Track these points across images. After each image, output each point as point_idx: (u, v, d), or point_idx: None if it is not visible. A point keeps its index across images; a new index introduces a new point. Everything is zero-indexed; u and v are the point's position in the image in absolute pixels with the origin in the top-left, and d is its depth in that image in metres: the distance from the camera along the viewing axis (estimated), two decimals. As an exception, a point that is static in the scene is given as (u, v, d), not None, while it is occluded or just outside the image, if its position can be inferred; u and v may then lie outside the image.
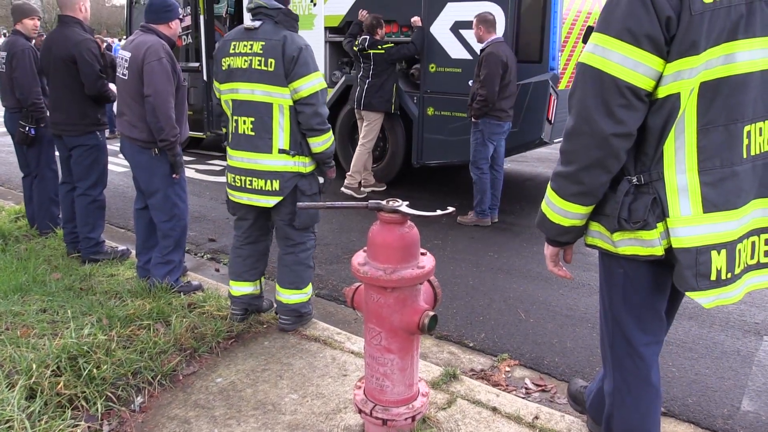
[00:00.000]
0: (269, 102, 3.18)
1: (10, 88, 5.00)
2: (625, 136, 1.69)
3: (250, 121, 3.23)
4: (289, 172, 3.25)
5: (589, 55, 1.71)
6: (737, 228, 1.72)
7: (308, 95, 3.17)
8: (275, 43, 3.15)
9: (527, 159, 9.22)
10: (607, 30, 1.68)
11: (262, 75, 3.16)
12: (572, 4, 6.16)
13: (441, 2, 6.37)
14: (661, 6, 1.61)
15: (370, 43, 6.58)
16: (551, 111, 5.96)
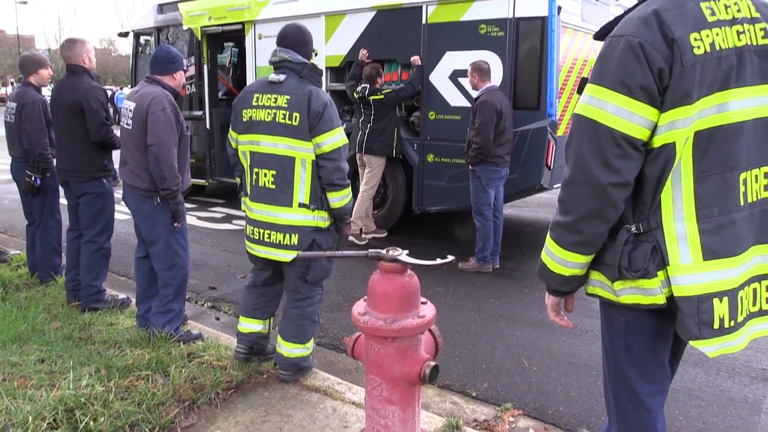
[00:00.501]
0: (292, 156, 3.20)
1: (18, 139, 5.08)
2: (622, 186, 1.71)
3: (272, 174, 3.23)
4: (308, 226, 3.26)
5: (585, 106, 1.74)
6: (738, 275, 1.72)
7: (331, 150, 3.20)
8: (301, 98, 3.17)
9: (527, 204, 9.26)
10: (601, 81, 1.71)
11: (287, 129, 3.19)
12: (568, 52, 6.29)
13: (440, 51, 6.52)
14: (653, 58, 1.65)
15: (371, 91, 6.71)
16: (550, 157, 6.02)
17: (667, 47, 1.65)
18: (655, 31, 1.66)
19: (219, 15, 8.65)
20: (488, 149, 5.60)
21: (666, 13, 1.68)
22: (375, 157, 6.82)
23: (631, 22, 1.72)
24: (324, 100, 3.20)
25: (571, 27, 6.27)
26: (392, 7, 6.81)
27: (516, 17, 5.95)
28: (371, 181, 6.89)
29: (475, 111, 5.70)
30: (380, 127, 6.74)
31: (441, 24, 6.46)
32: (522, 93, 6.07)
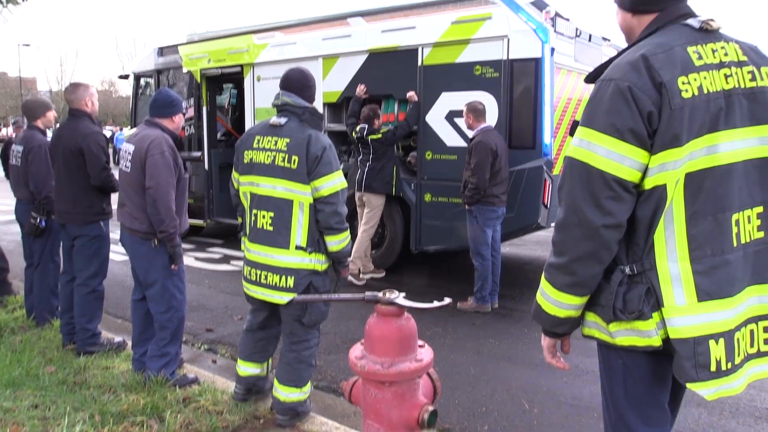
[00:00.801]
0: (290, 198, 3.23)
1: (24, 181, 5.13)
2: (615, 228, 1.72)
3: (270, 216, 3.26)
4: (305, 269, 3.26)
5: (576, 149, 1.77)
6: (734, 316, 1.72)
7: (329, 194, 3.23)
8: (300, 141, 3.22)
9: (525, 243, 9.26)
10: (592, 124, 1.74)
11: (285, 172, 3.22)
12: (562, 92, 6.39)
13: (436, 92, 6.62)
14: (642, 102, 1.68)
15: (369, 131, 6.79)
16: (546, 195, 6.06)
17: (655, 91, 1.69)
18: (643, 76, 1.70)
19: (218, 58, 8.80)
20: (484, 189, 5.64)
21: (654, 57, 1.72)
22: (375, 196, 6.85)
23: (620, 67, 1.76)
24: (323, 144, 3.24)
25: (565, 68, 6.39)
26: (388, 50, 6.95)
27: (510, 59, 6.06)
28: (371, 221, 6.92)
29: (470, 151, 5.76)
30: (379, 165, 6.80)
31: (437, 66, 6.58)
32: (517, 132, 6.14)
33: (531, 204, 6.09)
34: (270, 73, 8.15)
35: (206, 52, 8.99)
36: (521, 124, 6.13)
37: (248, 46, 8.45)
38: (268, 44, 8.24)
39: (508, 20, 6.06)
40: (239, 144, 3.45)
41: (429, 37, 6.61)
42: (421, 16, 6.87)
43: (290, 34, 8.16)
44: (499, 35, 6.10)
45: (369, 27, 7.24)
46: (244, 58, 8.47)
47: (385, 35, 7.00)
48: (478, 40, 6.24)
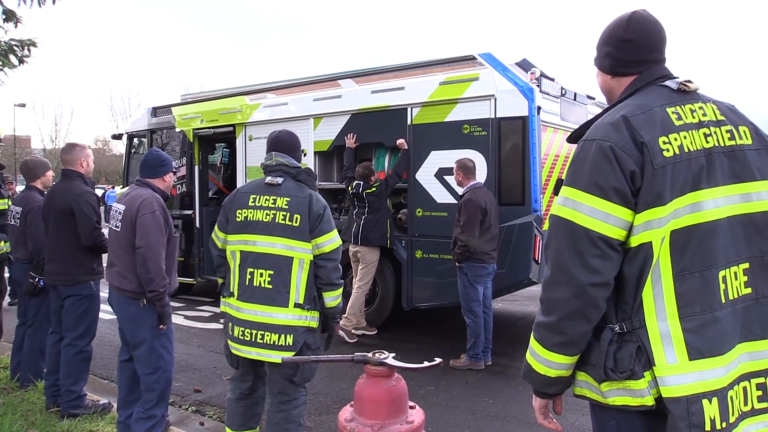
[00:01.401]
0: (290, 256, 3.25)
1: (23, 241, 5.11)
2: (602, 286, 1.73)
3: (268, 274, 3.24)
4: (302, 326, 3.26)
5: (561, 208, 1.79)
6: (726, 374, 1.70)
7: (331, 251, 3.31)
8: (301, 201, 3.30)
9: (517, 298, 9.22)
10: (575, 184, 1.77)
11: (286, 229, 3.26)
12: (549, 149, 6.50)
13: (425, 150, 6.72)
14: (624, 161, 1.71)
15: (365, 187, 6.87)
16: (537, 251, 6.08)
17: (637, 150, 1.72)
18: (624, 135, 1.74)
19: (211, 118, 8.93)
20: (474, 246, 5.65)
21: (634, 118, 1.77)
22: (369, 251, 6.85)
23: (601, 127, 1.80)
24: (323, 203, 3.37)
25: (551, 125, 6.52)
26: (378, 109, 7.08)
27: (498, 117, 6.19)
28: (365, 276, 6.88)
29: (460, 208, 5.80)
30: (375, 218, 6.85)
31: (426, 125, 6.71)
32: (507, 189, 6.21)
33: (522, 260, 6.10)
34: (262, 133, 8.27)
35: (199, 112, 9.13)
36: (510, 180, 6.20)
37: (240, 106, 8.60)
38: (260, 104, 8.39)
39: (495, 81, 6.22)
40: (228, 203, 3.45)
41: (418, 97, 6.76)
42: (410, 78, 7.05)
43: (282, 95, 8.33)
44: (486, 95, 6.25)
45: (359, 88, 7.40)
46: (237, 118, 8.61)
47: (375, 95, 7.15)
48: (466, 100, 6.38)
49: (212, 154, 10.10)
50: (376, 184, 6.89)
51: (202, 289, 10.12)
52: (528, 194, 6.08)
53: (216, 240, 3.49)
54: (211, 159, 10.02)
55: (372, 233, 6.83)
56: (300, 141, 3.62)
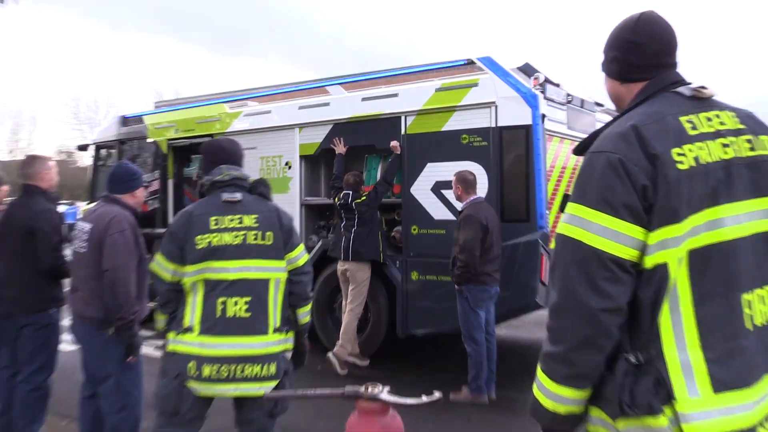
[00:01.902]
0: (266, 278, 3.25)
1: None
2: (615, 312, 1.71)
3: (245, 302, 3.20)
4: (282, 351, 3.27)
5: (567, 226, 1.78)
6: (754, 409, 1.67)
7: (304, 263, 3.39)
8: (270, 216, 3.31)
9: (523, 324, 9.18)
10: (583, 200, 1.76)
11: (260, 250, 3.25)
12: (556, 161, 6.53)
13: (421, 162, 6.73)
14: (635, 175, 1.70)
15: (354, 196, 6.88)
16: (544, 272, 6.06)
17: (648, 163, 1.71)
18: (634, 147, 1.73)
19: (187, 127, 8.94)
20: (474, 267, 5.64)
21: (645, 128, 1.76)
22: (361, 267, 6.81)
23: (609, 138, 1.79)
24: (290, 215, 3.46)
25: (557, 135, 6.55)
26: (369, 118, 7.10)
27: (499, 126, 6.22)
28: (357, 297, 6.83)
29: (459, 225, 5.80)
30: (366, 230, 6.84)
31: (421, 135, 6.73)
32: (510, 204, 6.22)
33: (527, 282, 6.10)
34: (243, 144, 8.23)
35: (174, 121, 9.13)
36: (513, 195, 6.22)
37: (219, 114, 8.61)
38: (241, 113, 8.40)
39: (495, 87, 6.26)
40: (181, 229, 3.26)
41: (412, 104, 6.79)
42: (404, 84, 7.08)
43: (264, 103, 8.35)
44: (486, 102, 6.28)
45: (348, 95, 7.43)
46: (215, 127, 8.61)
47: (366, 103, 7.18)
48: (465, 108, 6.42)
49: (188, 166, 10.08)
50: (365, 194, 6.91)
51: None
52: (533, 210, 6.09)
53: (161, 272, 3.28)
54: (187, 172, 9.99)
55: (363, 247, 6.81)
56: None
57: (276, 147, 7.96)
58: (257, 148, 8.05)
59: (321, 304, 7.48)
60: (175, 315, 3.31)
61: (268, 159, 8.01)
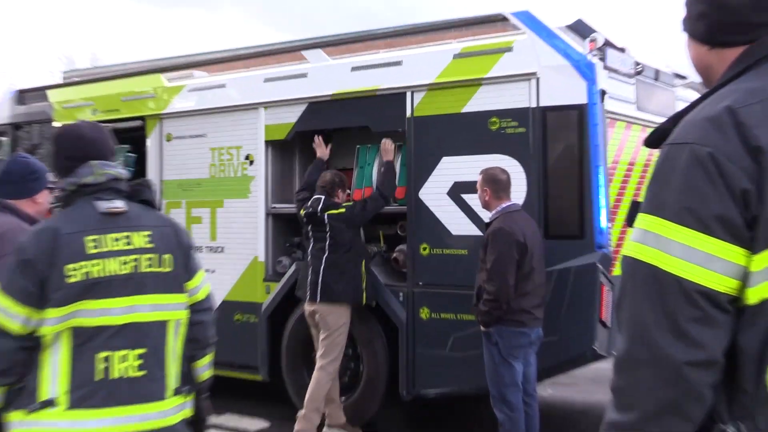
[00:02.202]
0: (163, 320, 3.18)
1: None
2: (706, 365, 1.70)
3: (137, 355, 3.06)
4: (184, 419, 3.24)
5: (638, 247, 1.77)
6: None
7: (206, 296, 3.35)
8: (165, 231, 3.23)
9: (576, 381, 9.18)
10: (660, 211, 1.76)
11: (157, 280, 3.17)
12: (620, 155, 6.55)
13: (433, 156, 6.77)
14: (732, 175, 1.69)
15: (326, 204, 6.82)
16: (605, 308, 6.06)
17: (750, 159, 1.70)
18: (731, 137, 1.72)
19: (108, 107, 8.99)
20: (507, 301, 5.64)
21: (745, 111, 1.74)
22: (336, 309, 6.76)
23: (695, 125, 1.79)
24: (185, 230, 3.41)
25: (622, 118, 6.59)
26: (362, 95, 7.12)
27: (542, 107, 6.25)
28: (332, 350, 6.78)
29: (486, 243, 5.80)
30: (342, 259, 6.78)
31: (434, 118, 6.77)
32: (557, 215, 6.25)
33: (581, 322, 6.11)
34: (186, 130, 8.31)
35: (90, 98, 9.18)
36: (562, 201, 6.24)
37: (154, 89, 8.64)
38: (183, 87, 8.44)
39: (537, 52, 6.29)
40: (43, 256, 3.04)
41: (422, 76, 6.83)
42: (410, 48, 7.11)
43: (217, 73, 8.39)
44: (524, 74, 6.32)
45: (333, 63, 7.47)
46: (148, 106, 8.64)
47: (357, 74, 7.22)
48: (494, 81, 6.46)
49: (110, 161, 10.12)
50: (346, 204, 6.89)
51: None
52: (589, 222, 6.10)
53: (8, 323, 3.03)
54: (108, 169, 10.01)
55: (339, 283, 6.74)
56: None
57: (232, 134, 8.00)
58: (206, 135, 8.10)
59: (294, 353, 7.50)
60: (23, 385, 3.05)
61: (221, 151, 8.05)
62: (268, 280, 7.72)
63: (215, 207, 8.02)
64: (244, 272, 7.90)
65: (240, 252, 7.93)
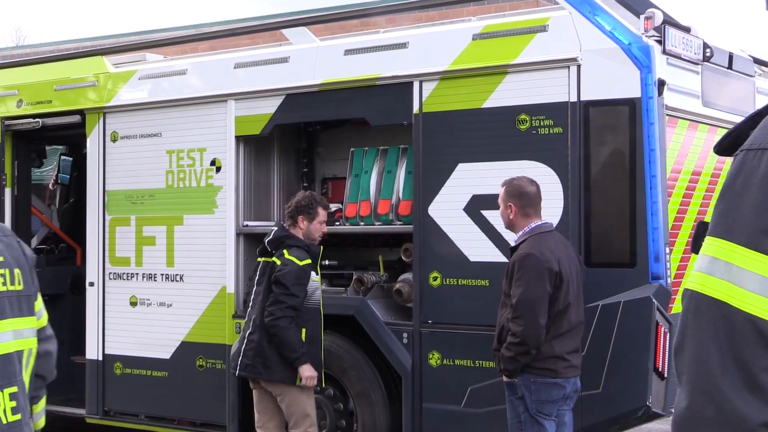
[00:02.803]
0: (20, 350, 3.23)
1: None
2: (786, 428, 1.73)
3: (10, 395, 3.10)
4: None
5: (703, 278, 1.79)
6: None
7: (47, 322, 3.39)
8: (9, 242, 3.27)
9: (625, 445, 9.18)
10: (730, 234, 1.77)
11: (13, 301, 3.20)
12: (682, 163, 6.55)
13: (446, 162, 6.80)
14: None
15: (276, 242, 6.72)
16: (661, 355, 6.07)
17: None
18: None
19: (37, 97, 9.02)
20: (536, 344, 5.66)
21: None
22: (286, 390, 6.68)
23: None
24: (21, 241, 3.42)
25: (686, 116, 6.62)
26: (358, 84, 7.17)
27: (584, 101, 6.28)
28: (302, 422, 6.66)
29: (512, 272, 5.82)
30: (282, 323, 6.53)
31: (447, 114, 6.81)
32: (601, 237, 6.27)
33: (632, 371, 6.12)
34: (136, 127, 8.32)
35: (14, 86, 9.21)
36: (608, 220, 6.27)
37: (96, 76, 8.67)
38: (134, 73, 8.46)
39: (578, 32, 6.32)
40: None
41: (433, 62, 6.87)
42: (418, 27, 7.14)
43: (175, 57, 8.40)
44: (561, 59, 6.36)
45: (322, 45, 7.50)
46: (89, 98, 8.67)
47: (351, 59, 7.27)
48: (523, 69, 6.50)
49: (39, 165, 10.11)
50: (289, 256, 6.62)
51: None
52: (642, 246, 6.11)
53: None
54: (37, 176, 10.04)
55: (271, 360, 6.58)
56: None
57: (195, 134, 8.04)
58: (161, 135, 8.14)
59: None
60: None
61: (180, 155, 8.07)
62: (239, 317, 7.62)
63: (173, 224, 8.01)
64: (209, 307, 7.90)
65: (204, 281, 7.93)
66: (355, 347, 7.09)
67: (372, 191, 7.37)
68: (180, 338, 7.83)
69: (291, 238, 6.67)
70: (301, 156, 8.23)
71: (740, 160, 1.84)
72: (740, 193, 1.80)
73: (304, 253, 6.61)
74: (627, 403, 6.18)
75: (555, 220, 6.23)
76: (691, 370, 1.79)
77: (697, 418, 1.79)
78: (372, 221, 7.25)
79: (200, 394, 7.78)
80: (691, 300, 1.82)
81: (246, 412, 7.57)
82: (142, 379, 8.24)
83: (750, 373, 1.73)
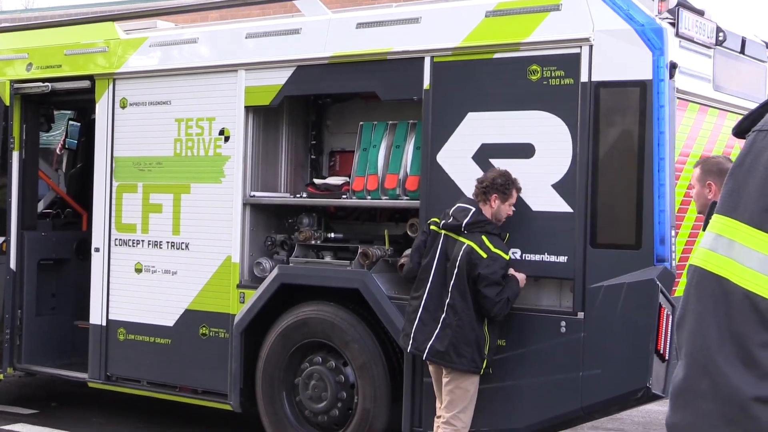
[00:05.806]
0: None
1: None
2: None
3: None
4: None
5: (707, 254, 1.81)
6: None
7: None
8: None
9: (623, 425, 9.20)
10: (735, 211, 1.79)
11: None
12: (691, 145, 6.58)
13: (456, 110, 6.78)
14: None
15: (474, 221, 6.53)
16: (662, 338, 6.07)
17: None
18: None
19: (47, 61, 9.02)
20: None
21: None
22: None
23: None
24: None
25: (697, 100, 6.63)
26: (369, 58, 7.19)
27: (595, 81, 6.28)
28: (456, 406, 6.55)
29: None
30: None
31: (459, 64, 6.84)
32: (607, 219, 6.29)
33: (633, 353, 6.15)
34: (145, 94, 8.33)
35: (25, 50, 9.20)
36: (614, 202, 6.28)
37: (106, 42, 8.67)
38: (144, 40, 8.46)
39: (591, 12, 6.30)
40: None
41: (445, 38, 6.88)
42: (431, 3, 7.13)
43: (186, 25, 8.40)
44: (573, 39, 6.36)
45: (334, 17, 7.53)
46: (99, 63, 8.68)
47: (363, 32, 7.32)
48: (536, 47, 6.50)
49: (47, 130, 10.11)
50: (497, 250, 6.44)
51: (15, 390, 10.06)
52: (648, 228, 6.11)
53: None
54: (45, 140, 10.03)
55: (466, 348, 6.46)
56: None
57: (204, 103, 8.05)
58: (170, 103, 8.16)
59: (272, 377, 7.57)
60: None
61: (189, 123, 8.10)
62: (244, 287, 7.72)
63: (179, 193, 8.02)
64: (213, 276, 7.91)
65: (209, 250, 7.93)
66: (358, 320, 7.12)
67: (380, 165, 7.38)
68: (184, 306, 7.87)
69: (490, 224, 6.52)
70: (310, 128, 8.25)
71: (751, 141, 1.85)
72: (748, 173, 1.82)
73: (504, 245, 6.52)
74: (627, 384, 6.19)
75: (563, 170, 6.30)
76: (689, 342, 1.82)
77: (692, 391, 1.82)
78: (379, 195, 7.27)
79: (202, 362, 7.82)
80: (694, 275, 1.85)
81: (247, 381, 7.66)
82: (144, 346, 8.28)
83: (745, 348, 1.76)
